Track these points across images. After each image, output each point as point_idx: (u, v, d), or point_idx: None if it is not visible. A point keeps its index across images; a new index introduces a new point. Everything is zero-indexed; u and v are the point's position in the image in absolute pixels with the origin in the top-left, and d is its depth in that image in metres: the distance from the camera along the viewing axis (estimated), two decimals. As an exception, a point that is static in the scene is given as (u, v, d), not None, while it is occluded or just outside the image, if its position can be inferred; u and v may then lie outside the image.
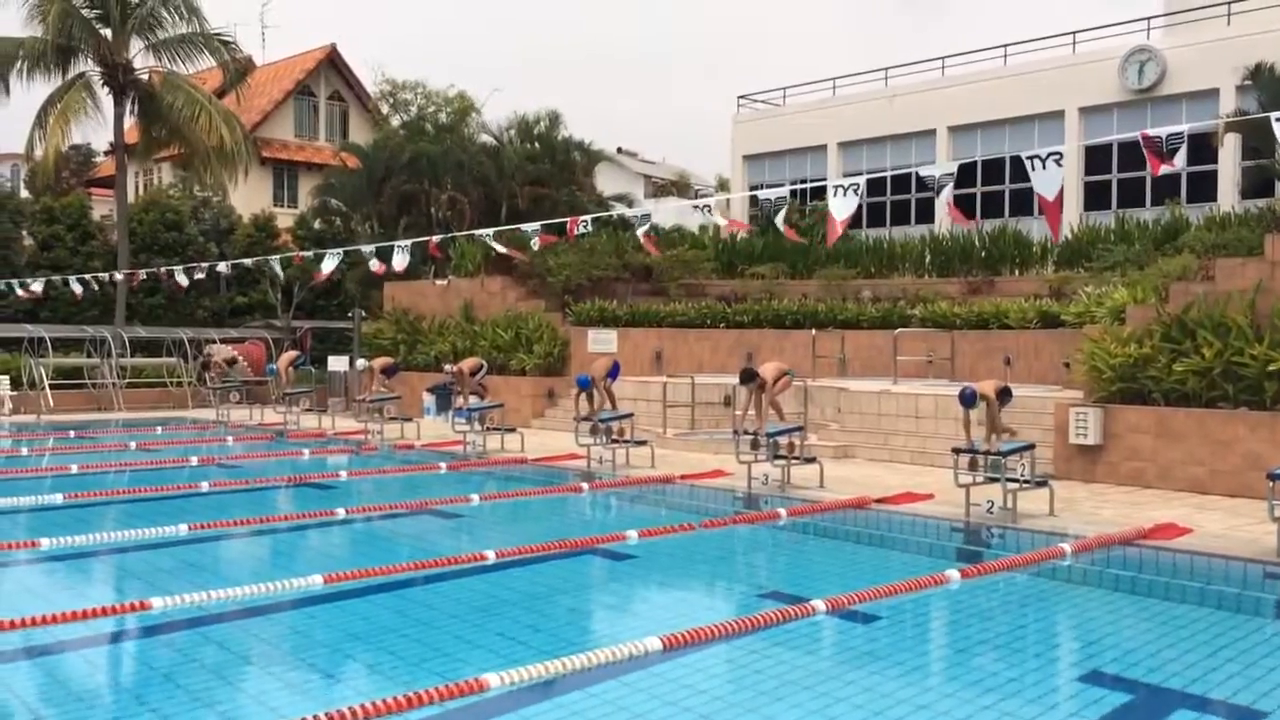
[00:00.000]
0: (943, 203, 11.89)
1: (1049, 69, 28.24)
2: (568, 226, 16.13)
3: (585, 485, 13.24)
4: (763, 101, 35.47)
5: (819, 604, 7.18)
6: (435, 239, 18.78)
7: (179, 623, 7.00)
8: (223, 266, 21.99)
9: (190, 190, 38.13)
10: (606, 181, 38.78)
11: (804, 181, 28.56)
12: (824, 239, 24.91)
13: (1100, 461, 13.45)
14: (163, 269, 23.68)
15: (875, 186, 31.54)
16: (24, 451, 16.63)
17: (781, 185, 20.76)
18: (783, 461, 12.84)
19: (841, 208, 12.26)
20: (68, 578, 8.62)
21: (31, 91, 28.97)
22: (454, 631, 6.92)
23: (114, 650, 6.80)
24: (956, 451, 11.21)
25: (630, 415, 15.83)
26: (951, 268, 22.88)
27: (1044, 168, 10.87)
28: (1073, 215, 26.56)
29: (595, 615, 7.81)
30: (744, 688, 5.87)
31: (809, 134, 32.72)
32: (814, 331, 20.39)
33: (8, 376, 23.73)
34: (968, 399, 11.04)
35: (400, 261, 18.39)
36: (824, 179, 29.10)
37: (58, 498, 11.83)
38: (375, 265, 18.47)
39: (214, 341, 27.65)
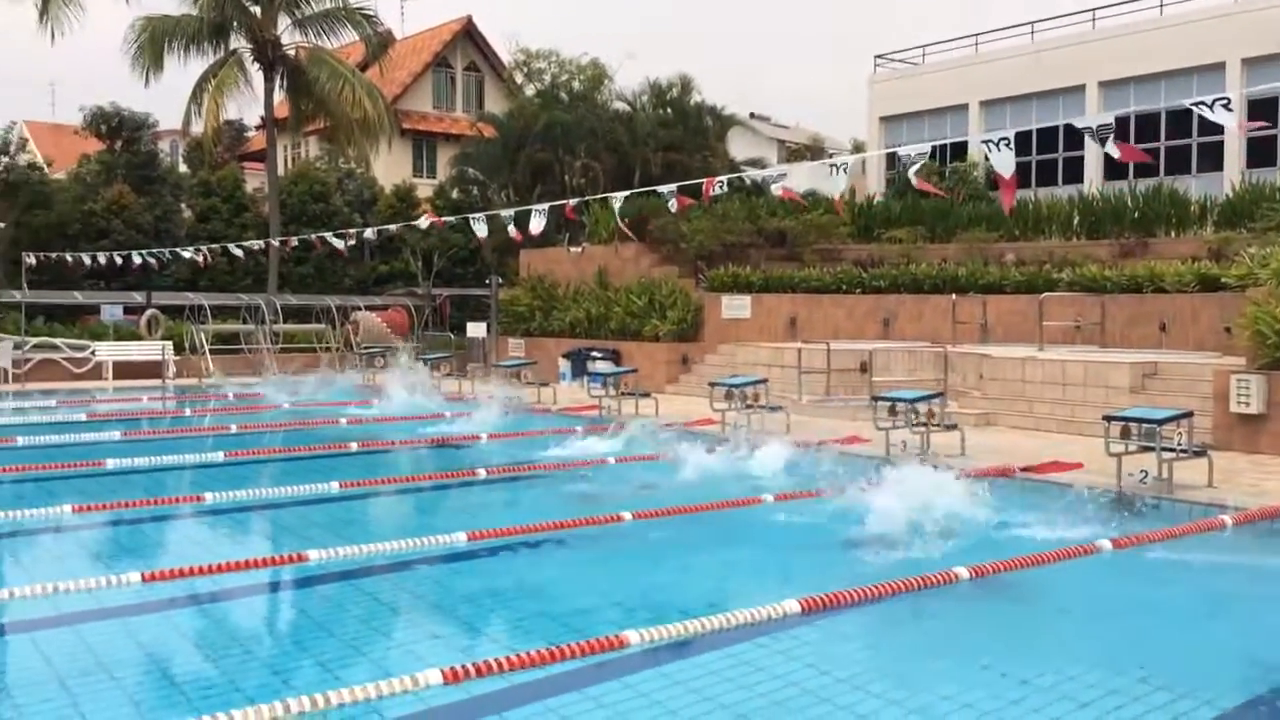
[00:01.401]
0: (1106, 151, 11.24)
1: (1209, 18, 26.68)
2: (703, 187, 16.05)
3: (718, 449, 13.23)
4: (900, 61, 34.55)
5: (962, 571, 7.03)
6: (571, 202, 18.93)
7: (332, 574, 7.31)
8: (370, 233, 22.63)
9: (335, 162, 39.41)
10: (739, 147, 38.44)
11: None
12: (964, 200, 24.24)
13: (1264, 431, 12.75)
14: (315, 236, 24.54)
15: (1020, 145, 30.47)
16: (187, 412, 17.54)
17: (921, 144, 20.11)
18: (922, 428, 12.58)
19: (1003, 164, 11.72)
20: (229, 530, 9.08)
21: (186, 68, 30.32)
22: (593, 589, 7.04)
23: (273, 599, 7.15)
24: (1108, 419, 10.79)
25: (764, 381, 15.74)
26: (1102, 229, 21.92)
27: (1213, 112, 10.23)
28: (1234, 173, 25.14)
29: (732, 577, 7.81)
30: (882, 652, 5.81)
31: (949, 93, 31.76)
32: (954, 296, 19.86)
33: (171, 341, 25.05)
34: None
35: (536, 225, 18.60)
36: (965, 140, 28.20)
37: (219, 455, 12.46)
38: (513, 232, 18.73)
39: (359, 308, 28.61)
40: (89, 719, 4.75)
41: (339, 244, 21.90)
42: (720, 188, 16.08)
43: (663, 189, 16.83)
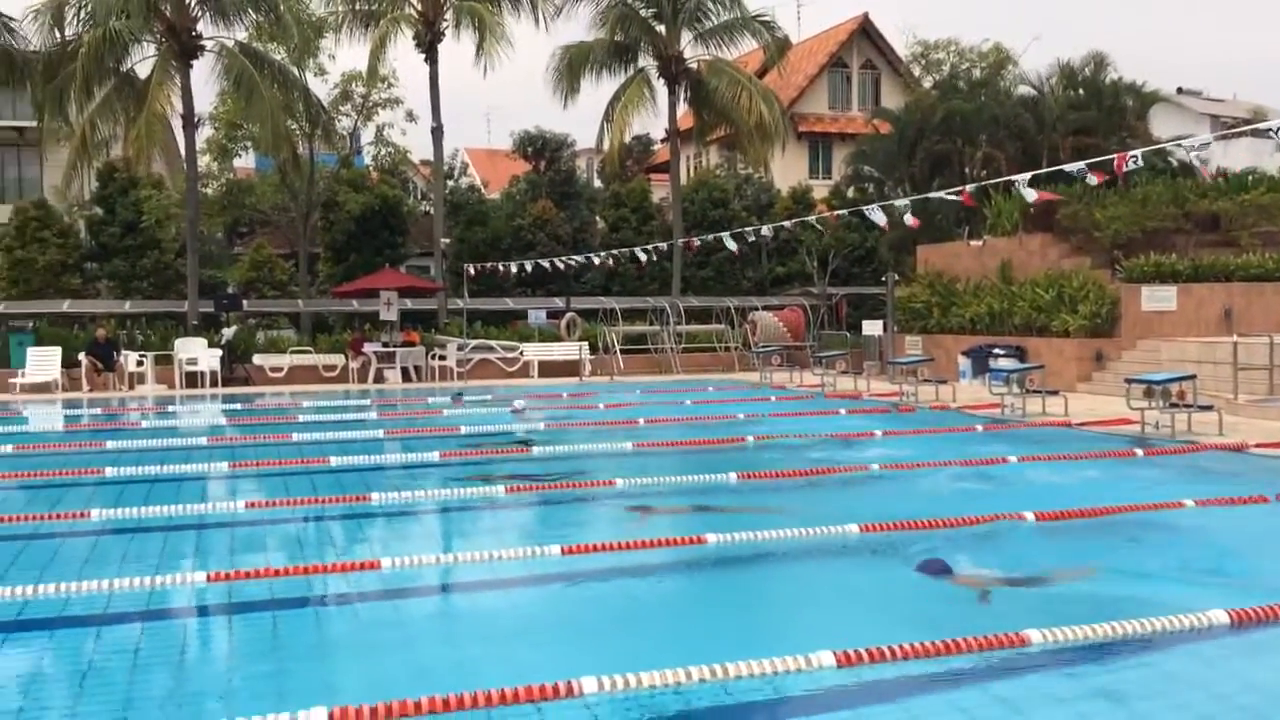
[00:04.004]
0: None
1: None
2: (1115, 163, 14.86)
3: (1138, 450, 12.22)
4: (1365, 12, 29.97)
5: None
6: (969, 188, 18.25)
7: (739, 557, 7.59)
8: (766, 230, 22.95)
9: (734, 169, 40.72)
10: (1163, 125, 35.16)
11: None
12: None
13: None
14: (713, 237, 25.50)
15: None
16: (600, 406, 18.85)
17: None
18: (1392, 431, 10.88)
19: None
20: (633, 512, 9.65)
21: (599, 89, 32.66)
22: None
23: (677, 573, 7.54)
24: None
25: (1192, 377, 14.31)
26: None
27: None
28: None
29: (1149, 583, 7.19)
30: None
31: None
32: None
33: (586, 343, 27.08)
34: None
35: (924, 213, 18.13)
36: None
37: (628, 445, 13.32)
38: (910, 220, 18.32)
39: (756, 308, 29.36)
40: (517, 666, 5.28)
41: (733, 246, 22.41)
42: (1134, 162, 14.80)
43: (1071, 167, 15.79)
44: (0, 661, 5.73)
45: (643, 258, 25.93)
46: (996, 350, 21.38)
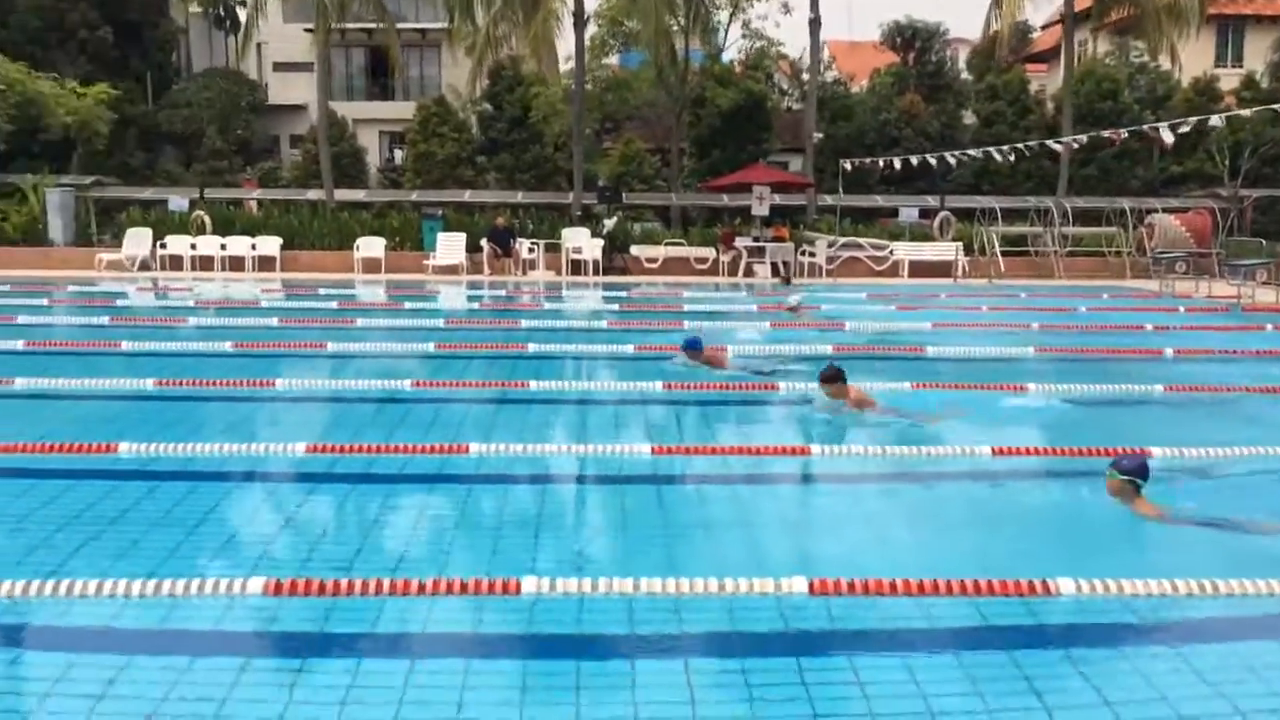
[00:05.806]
0: None
1: None
2: None
3: None
4: None
5: None
6: None
7: (1179, 470, 7.06)
8: (1217, 120, 19.90)
9: (1125, 57, 37.17)
10: None
11: None
12: None
13: None
14: (1149, 127, 23.03)
15: None
16: (983, 309, 18.03)
17: None
18: None
19: None
20: (1050, 417, 9.19)
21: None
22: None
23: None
24: None
25: None
26: None
27: None
28: None
29: None
30: None
31: None
32: None
33: (961, 243, 25.94)
34: None
35: None
36: None
37: (1029, 350, 12.69)
38: None
39: (1155, 210, 26.90)
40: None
41: (1169, 137, 19.58)
42: None
43: None
44: (485, 505, 6.44)
45: (1058, 148, 23.73)
46: None
